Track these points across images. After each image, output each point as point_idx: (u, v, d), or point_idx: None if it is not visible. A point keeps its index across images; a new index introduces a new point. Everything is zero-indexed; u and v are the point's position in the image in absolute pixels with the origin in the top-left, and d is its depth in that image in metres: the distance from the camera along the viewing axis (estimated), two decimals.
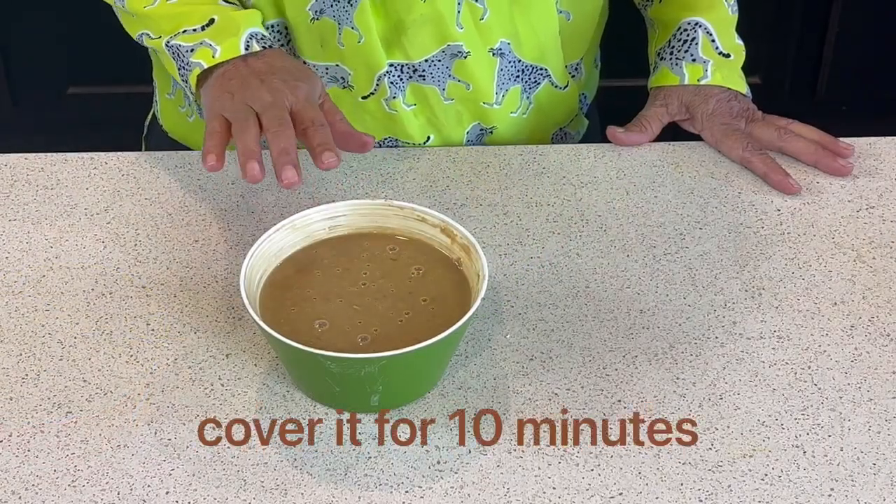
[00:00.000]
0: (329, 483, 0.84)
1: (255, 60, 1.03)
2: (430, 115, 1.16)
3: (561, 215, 1.07)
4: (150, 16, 1.08)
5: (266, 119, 0.96)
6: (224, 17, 1.06)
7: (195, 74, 1.04)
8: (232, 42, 1.04)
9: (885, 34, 2.26)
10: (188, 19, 1.06)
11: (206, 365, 0.93)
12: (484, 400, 0.90)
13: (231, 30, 1.05)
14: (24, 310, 0.97)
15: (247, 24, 1.05)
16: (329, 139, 0.95)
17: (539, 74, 1.18)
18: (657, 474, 0.85)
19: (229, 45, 1.04)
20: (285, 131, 0.95)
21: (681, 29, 1.19)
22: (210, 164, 0.94)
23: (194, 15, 1.06)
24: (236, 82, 1.01)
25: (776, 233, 1.06)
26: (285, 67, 1.03)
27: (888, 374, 0.93)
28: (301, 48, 1.13)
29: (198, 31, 1.05)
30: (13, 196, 1.09)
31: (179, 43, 1.06)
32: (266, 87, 0.99)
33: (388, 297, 0.90)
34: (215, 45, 1.04)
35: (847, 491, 0.84)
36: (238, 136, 0.95)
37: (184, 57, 1.05)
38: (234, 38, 1.04)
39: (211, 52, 1.04)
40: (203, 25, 1.06)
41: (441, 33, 1.11)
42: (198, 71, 1.04)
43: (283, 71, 1.02)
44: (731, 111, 1.16)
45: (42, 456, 0.86)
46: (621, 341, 0.95)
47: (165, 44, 1.07)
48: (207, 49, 1.04)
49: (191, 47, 1.05)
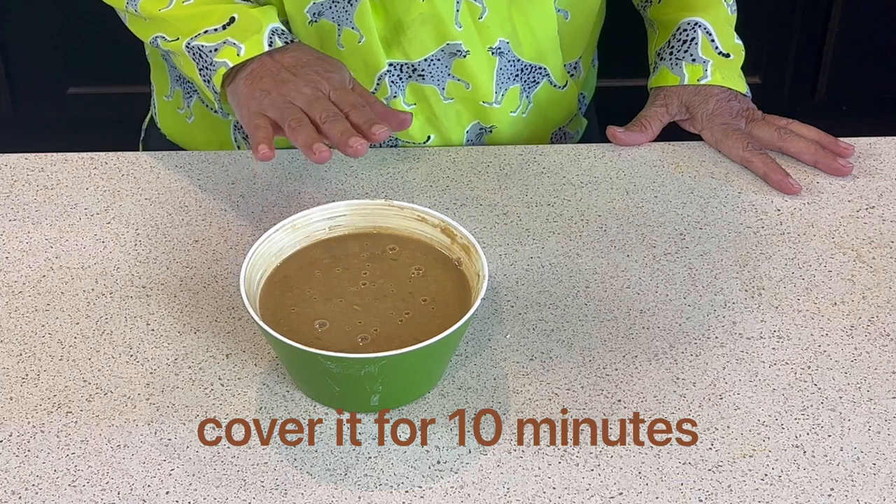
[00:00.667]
0: (329, 483, 0.84)
1: (282, 56, 1.04)
2: (430, 114, 1.16)
3: (561, 215, 1.07)
4: (166, 18, 1.08)
5: (316, 112, 0.98)
6: (245, 15, 1.06)
7: (221, 74, 1.04)
8: (256, 39, 1.04)
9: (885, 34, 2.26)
10: (208, 19, 1.06)
11: (206, 365, 0.93)
12: (484, 400, 0.90)
13: (253, 27, 1.05)
14: (24, 310, 0.97)
15: (267, 20, 1.05)
16: (372, 116, 0.98)
17: (538, 74, 1.18)
18: (657, 474, 0.85)
19: (253, 42, 1.04)
20: (339, 118, 0.97)
21: (680, 29, 1.19)
22: (263, 153, 0.95)
23: (213, 15, 1.06)
24: (268, 80, 1.01)
25: (776, 233, 1.06)
26: (313, 60, 1.03)
27: (888, 374, 0.93)
28: None
29: (219, 30, 1.05)
30: (13, 196, 1.09)
31: (201, 44, 1.05)
32: (302, 80, 1.00)
33: (388, 297, 0.90)
34: (239, 43, 1.04)
35: (847, 491, 0.84)
36: (296, 134, 0.96)
37: (207, 57, 1.05)
38: (258, 35, 1.04)
39: (236, 51, 1.04)
40: (224, 24, 1.05)
41: (440, 32, 1.11)
42: (223, 70, 1.03)
43: (312, 63, 1.03)
44: (731, 111, 1.16)
45: (42, 456, 0.86)
46: (621, 341, 0.95)
47: (185, 45, 1.06)
48: (232, 48, 1.04)
49: (214, 47, 1.05)
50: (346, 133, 0.95)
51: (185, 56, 1.07)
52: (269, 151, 0.95)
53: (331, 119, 0.97)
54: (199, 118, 1.23)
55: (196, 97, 1.22)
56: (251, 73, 1.03)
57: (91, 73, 2.29)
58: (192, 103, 1.23)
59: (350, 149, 0.94)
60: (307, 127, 0.97)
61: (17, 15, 2.23)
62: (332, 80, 1.01)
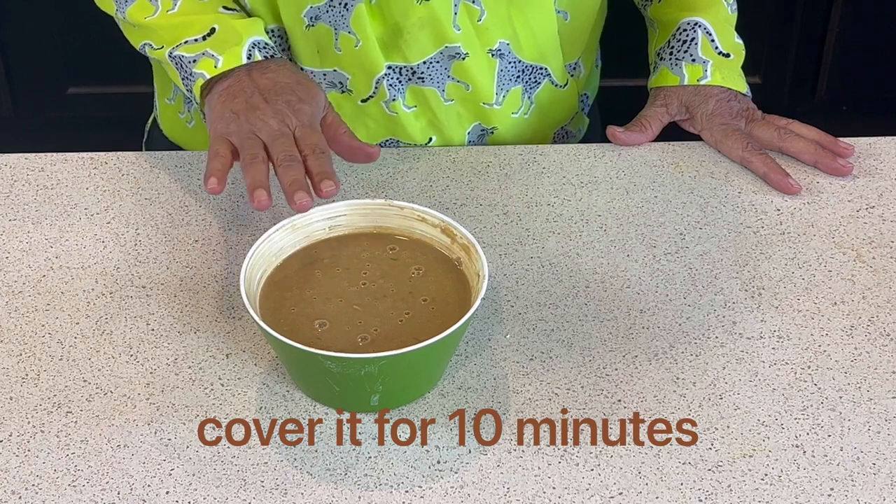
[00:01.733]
0: (329, 483, 0.84)
1: (260, 76, 1.03)
2: (432, 116, 1.16)
3: (561, 215, 1.07)
4: (151, 26, 1.08)
5: (274, 151, 0.96)
6: (225, 27, 1.05)
7: (199, 85, 1.04)
8: (234, 52, 1.04)
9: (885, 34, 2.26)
10: (189, 29, 1.06)
11: (206, 365, 0.93)
12: (484, 400, 0.90)
13: (233, 39, 1.04)
14: (24, 310, 0.97)
15: (248, 32, 1.05)
16: (328, 167, 0.96)
17: (539, 74, 1.18)
18: (657, 474, 0.85)
19: (231, 54, 1.03)
20: (294, 165, 0.95)
21: (680, 29, 1.19)
22: (211, 187, 0.94)
23: (195, 25, 1.06)
24: (240, 101, 1.00)
25: (776, 233, 1.06)
26: (289, 85, 1.02)
27: (888, 374, 0.93)
28: (298, 55, 1.13)
29: (199, 41, 1.05)
30: (13, 196, 1.09)
31: (182, 54, 1.05)
32: (271, 110, 0.99)
33: (388, 297, 0.90)
34: (217, 54, 1.04)
35: (847, 491, 0.84)
36: (247, 170, 0.95)
37: (186, 67, 1.05)
38: (237, 48, 1.04)
39: (213, 63, 1.03)
40: (204, 35, 1.05)
41: (438, 35, 1.11)
42: (201, 81, 1.03)
43: (287, 90, 1.01)
44: (731, 111, 1.16)
45: (42, 456, 0.86)
46: (621, 341, 0.95)
47: (168, 54, 1.06)
48: (210, 59, 1.04)
49: (193, 58, 1.05)
50: (294, 185, 0.93)
51: (169, 65, 1.07)
52: (218, 186, 0.94)
53: (285, 164, 0.95)
54: (200, 123, 1.23)
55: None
56: (226, 90, 1.02)
57: (91, 73, 2.29)
58: (193, 108, 1.23)
59: (294, 204, 0.93)
60: (259, 166, 0.95)
61: (17, 15, 2.23)
62: (302, 114, 1.00)
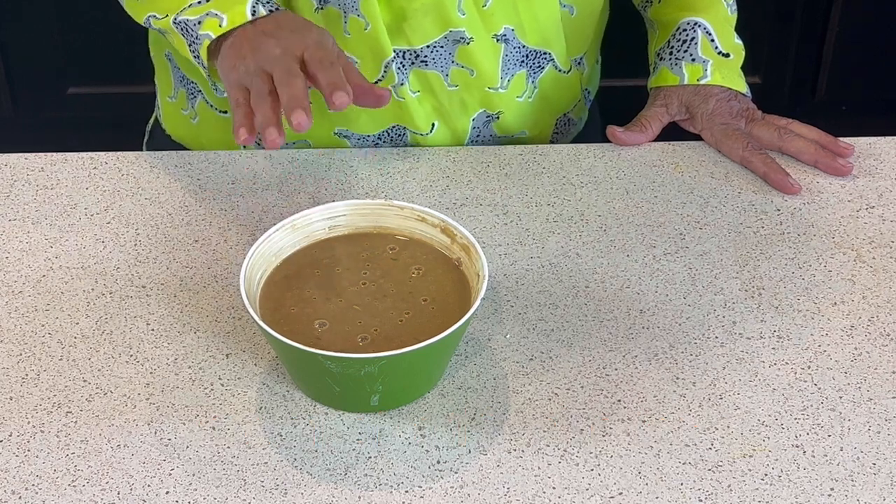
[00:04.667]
0: (329, 483, 0.84)
1: (264, 22, 1.01)
2: (436, 102, 1.16)
3: (561, 215, 1.07)
4: None
5: (276, 72, 0.95)
6: None
7: (205, 47, 1.02)
8: (238, 9, 1.02)
9: (885, 34, 2.26)
10: None
11: (206, 365, 0.93)
12: (484, 400, 0.90)
13: None
14: (24, 310, 0.97)
15: None
16: (339, 78, 0.94)
17: (543, 59, 1.19)
18: (657, 474, 0.85)
19: (236, 12, 1.02)
20: (293, 80, 0.93)
21: (680, 29, 1.19)
22: (243, 138, 0.93)
23: None
24: (246, 47, 0.99)
25: (776, 233, 1.06)
26: (295, 22, 1.01)
27: (888, 374, 0.93)
28: None
29: (202, 2, 1.03)
30: (13, 196, 1.09)
31: (186, 18, 1.04)
32: (275, 41, 0.98)
33: (388, 297, 0.90)
34: (221, 13, 1.02)
35: (847, 491, 0.84)
36: (257, 110, 0.94)
37: (192, 31, 1.04)
38: (241, 6, 1.02)
39: (218, 22, 1.02)
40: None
41: (443, 20, 1.11)
42: (207, 42, 1.02)
43: (292, 23, 1.00)
44: (731, 111, 1.16)
45: (42, 456, 0.86)
46: (621, 341, 0.95)
47: (173, 21, 1.05)
48: (214, 19, 1.02)
49: (198, 20, 1.03)
50: (292, 100, 0.91)
51: (175, 32, 1.05)
52: (249, 135, 0.93)
53: (285, 81, 0.93)
54: (205, 118, 1.23)
55: (200, 97, 1.21)
56: (232, 44, 1.01)
57: (91, 73, 2.29)
58: (197, 104, 1.22)
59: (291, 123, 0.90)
60: (266, 103, 0.93)
61: (17, 15, 2.23)
62: (309, 38, 0.98)
